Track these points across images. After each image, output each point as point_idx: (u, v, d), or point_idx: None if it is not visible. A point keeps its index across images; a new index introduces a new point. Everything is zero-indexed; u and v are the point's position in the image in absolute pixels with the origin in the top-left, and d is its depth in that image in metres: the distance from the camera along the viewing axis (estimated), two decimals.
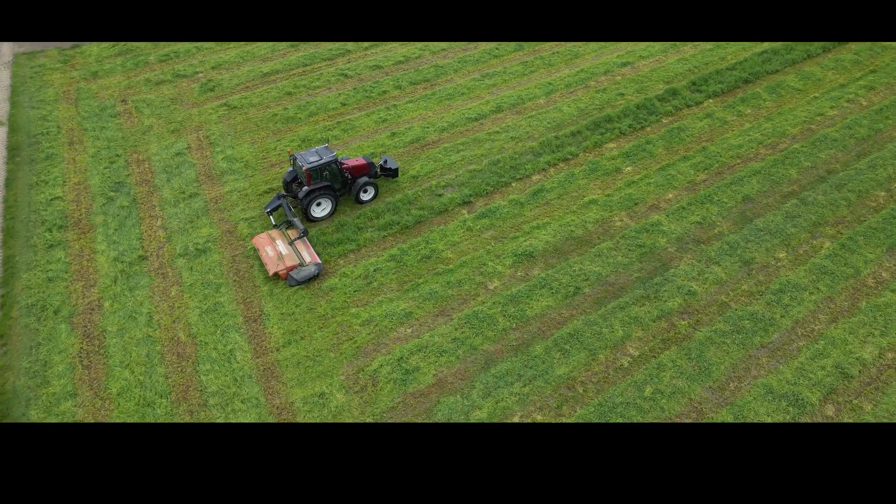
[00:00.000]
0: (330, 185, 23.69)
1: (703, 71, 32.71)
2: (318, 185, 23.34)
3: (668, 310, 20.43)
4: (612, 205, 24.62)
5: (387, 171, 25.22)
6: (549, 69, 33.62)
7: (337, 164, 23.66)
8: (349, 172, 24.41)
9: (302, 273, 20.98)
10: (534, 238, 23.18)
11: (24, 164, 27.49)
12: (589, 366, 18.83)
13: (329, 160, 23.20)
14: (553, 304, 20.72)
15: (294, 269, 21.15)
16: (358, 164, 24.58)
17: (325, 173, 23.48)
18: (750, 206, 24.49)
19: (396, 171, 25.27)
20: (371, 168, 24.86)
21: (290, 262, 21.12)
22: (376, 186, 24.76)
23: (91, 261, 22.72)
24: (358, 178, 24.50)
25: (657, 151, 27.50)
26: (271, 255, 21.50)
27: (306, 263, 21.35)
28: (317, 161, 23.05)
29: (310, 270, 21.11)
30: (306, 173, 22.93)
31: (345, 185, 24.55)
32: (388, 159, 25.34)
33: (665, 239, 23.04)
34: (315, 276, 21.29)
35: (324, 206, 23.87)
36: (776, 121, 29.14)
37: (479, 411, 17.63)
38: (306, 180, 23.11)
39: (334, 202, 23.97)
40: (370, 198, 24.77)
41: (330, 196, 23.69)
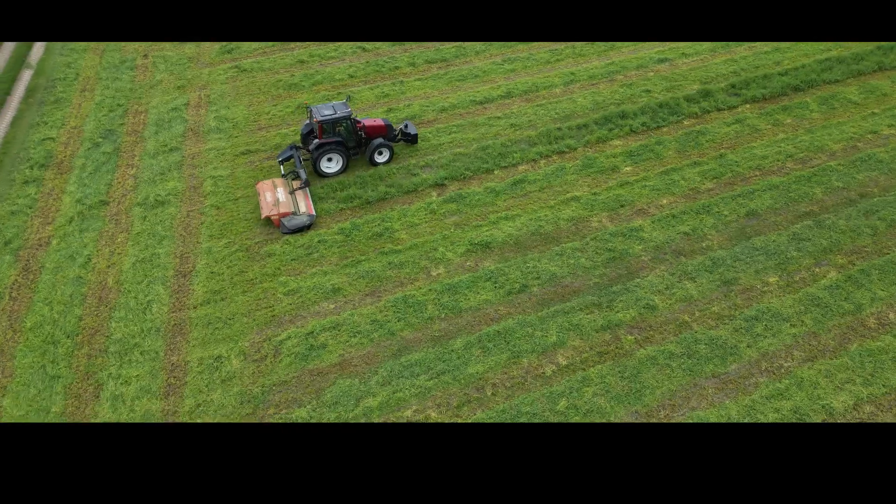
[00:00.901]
0: (342, 142, 23.56)
1: (749, 74, 29.81)
2: (329, 139, 23.24)
3: (616, 321, 18.51)
4: (595, 204, 22.75)
5: (406, 135, 24.88)
6: (577, 59, 31.78)
7: (352, 121, 23.54)
8: (364, 132, 24.18)
9: (293, 221, 21.28)
10: (497, 229, 21.77)
11: (35, 105, 28.94)
12: (507, 368, 17.32)
13: (343, 116, 23.13)
14: (492, 298, 19.30)
15: (287, 216, 21.35)
16: (375, 124, 24.36)
17: (338, 129, 23.47)
18: (753, 222, 21.90)
19: (416, 137, 24.90)
20: (389, 131, 24.59)
21: (284, 209, 21.41)
22: (392, 149, 24.44)
23: (57, 200, 23.47)
24: (373, 139, 24.18)
25: (666, 154, 25.22)
26: (269, 200, 21.84)
27: (300, 213, 21.53)
28: (330, 115, 23.02)
29: (301, 220, 21.36)
30: (318, 126, 22.97)
31: (359, 145, 24.36)
32: (409, 124, 25.07)
33: (641, 246, 20.98)
34: (307, 226, 21.42)
35: (335, 162, 23.76)
36: (817, 134, 26.02)
37: (372, 399, 16.60)
38: (318, 133, 23.16)
39: (345, 159, 23.78)
40: (385, 160, 24.48)
41: (341, 152, 23.56)
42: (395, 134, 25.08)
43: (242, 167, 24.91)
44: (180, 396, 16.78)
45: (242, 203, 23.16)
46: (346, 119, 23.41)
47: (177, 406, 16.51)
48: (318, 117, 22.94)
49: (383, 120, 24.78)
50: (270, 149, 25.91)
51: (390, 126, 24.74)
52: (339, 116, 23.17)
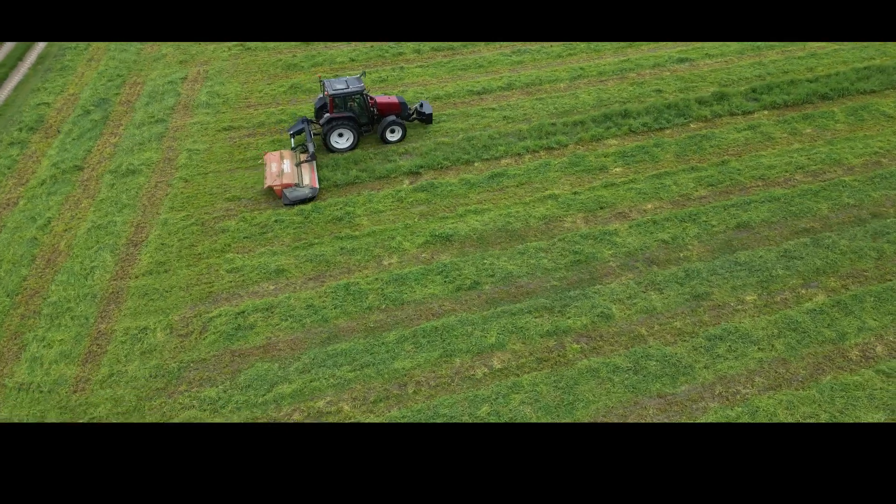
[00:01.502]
0: (353, 117, 23.33)
1: (774, 79, 27.75)
2: (340, 114, 23.07)
3: (565, 328, 17.26)
4: (572, 204, 21.46)
5: (421, 115, 24.63)
6: (591, 55, 30.37)
7: (364, 96, 23.34)
8: (376, 108, 23.97)
9: (295, 193, 21.24)
10: (463, 222, 20.79)
11: (42, 71, 29.66)
12: (436, 367, 16.35)
13: (355, 90, 22.92)
14: (439, 293, 18.35)
15: (289, 187, 21.22)
16: (388, 101, 24.17)
17: (349, 104, 23.30)
18: (742, 234, 20.17)
19: (430, 117, 24.65)
20: (403, 109, 24.35)
21: (287, 180, 21.36)
22: (404, 128, 24.11)
23: (36, 163, 23.85)
24: (386, 116, 23.91)
25: (663, 157, 23.64)
26: (273, 171, 21.82)
27: (303, 185, 21.48)
28: (342, 89, 22.84)
29: (303, 192, 21.30)
30: (330, 100, 22.85)
31: (371, 122, 24.12)
32: (424, 103, 24.86)
33: (612, 251, 19.60)
34: (309, 198, 21.30)
35: (345, 138, 23.57)
36: (838, 146, 23.89)
37: (287, 385, 15.94)
38: (329, 107, 23.06)
39: (356, 135, 23.54)
40: (397, 139, 24.16)
41: (352, 128, 23.33)
42: (410, 113, 24.74)
43: (221, 143, 24.74)
44: (97, 364, 16.54)
45: (212, 177, 22.95)
46: (359, 94, 23.18)
47: (91, 374, 16.27)
48: (330, 91, 22.76)
49: (398, 97, 24.51)
50: (253, 126, 25.68)
51: (405, 104, 24.44)
52: (351, 91, 22.94)
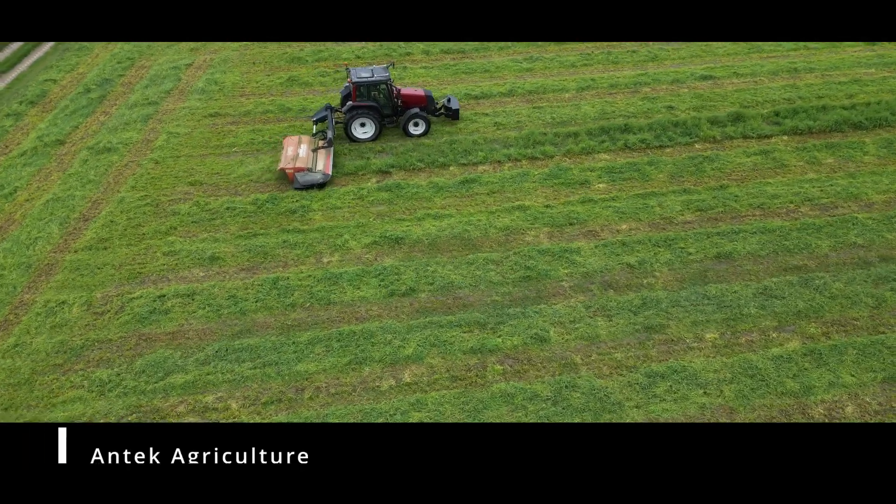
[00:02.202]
0: (376, 108, 23.04)
1: (804, 103, 25.35)
2: (363, 103, 22.81)
3: (492, 347, 15.83)
4: (540, 217, 20.00)
5: (448, 110, 24.09)
6: (607, 66, 28.77)
7: (389, 87, 23.11)
8: (401, 100, 23.59)
9: (307, 177, 21.01)
10: (419, 226, 19.71)
11: (60, 51, 30.68)
12: (342, 373, 15.27)
13: (379, 80, 22.73)
14: (370, 297, 17.30)
15: (302, 171, 21.03)
16: (414, 94, 23.77)
17: (373, 93, 23.03)
18: (721, 266, 18.15)
19: (457, 113, 24.09)
20: (429, 103, 23.86)
21: (301, 164, 21.20)
22: (428, 122, 23.66)
23: (24, 135, 24.43)
24: (411, 108, 23.46)
25: (655, 176, 21.81)
26: (289, 154, 21.74)
27: (315, 170, 21.31)
28: (366, 78, 22.67)
29: (314, 177, 21.03)
30: (353, 88, 22.66)
31: (395, 113, 23.77)
32: (451, 98, 24.36)
33: (568, 271, 18.01)
34: (320, 184, 21.05)
35: (366, 129, 23.28)
36: (859, 180, 21.39)
37: (181, 375, 15.24)
38: (352, 96, 22.88)
39: (377, 126, 23.24)
40: (420, 132, 23.65)
41: (373, 118, 23.04)
42: (437, 107, 24.28)
43: (203, 128, 24.66)
44: (7, 334, 16.38)
45: (182, 161, 22.81)
46: (384, 84, 22.90)
47: None
48: (355, 79, 22.60)
49: (425, 91, 24.07)
50: (239, 115, 25.53)
51: (431, 98, 23.96)
52: (375, 80, 22.70)
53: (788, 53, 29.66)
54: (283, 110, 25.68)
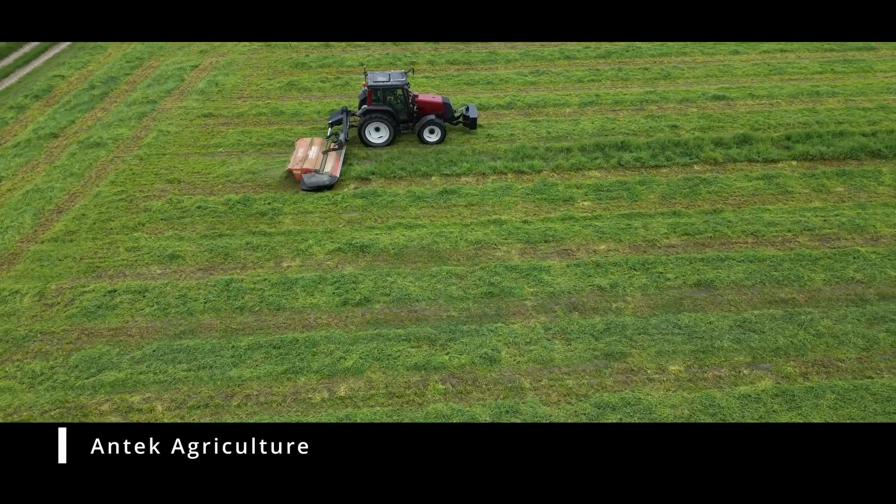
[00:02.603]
0: (391, 112, 22.79)
1: (821, 128, 23.83)
2: (378, 107, 22.62)
3: (438, 364, 14.98)
4: (515, 232, 19.11)
5: (466, 118, 23.64)
6: (616, 82, 27.77)
7: (405, 92, 22.86)
8: (417, 106, 23.34)
9: (313, 179, 20.74)
10: (388, 234, 19.07)
11: (76, 49, 31.36)
12: (276, 382, 14.65)
13: (395, 84, 22.49)
14: (322, 304, 16.69)
15: (309, 173, 20.83)
16: (431, 100, 23.52)
17: (388, 97, 22.82)
18: (700, 294, 16.91)
19: (474, 122, 23.58)
20: (446, 110, 23.55)
21: (309, 165, 20.99)
22: (444, 130, 23.23)
23: (22, 127, 24.86)
24: (427, 115, 23.16)
25: (644, 196, 20.68)
26: (299, 155, 21.59)
27: (322, 172, 21.05)
28: (382, 82, 22.46)
29: (321, 179, 20.77)
30: (368, 91, 22.55)
31: (411, 119, 23.45)
32: (471, 107, 23.85)
33: (534, 290, 17.06)
34: (327, 185, 20.79)
35: (381, 133, 23.06)
36: (869, 211, 19.84)
37: (114, 373, 14.87)
38: (367, 99, 22.74)
39: (392, 131, 23.00)
40: (436, 140, 23.27)
41: (388, 123, 22.77)
42: (455, 115, 23.89)
43: (194, 128, 24.64)
44: None
45: (166, 159, 22.77)
46: (400, 89, 22.66)
47: None
48: (370, 82, 22.43)
49: (443, 98, 23.77)
50: (233, 116, 25.46)
51: (448, 105, 23.61)
52: (390, 84, 22.47)
53: (812, 76, 28.11)
54: (276, 113, 25.50)
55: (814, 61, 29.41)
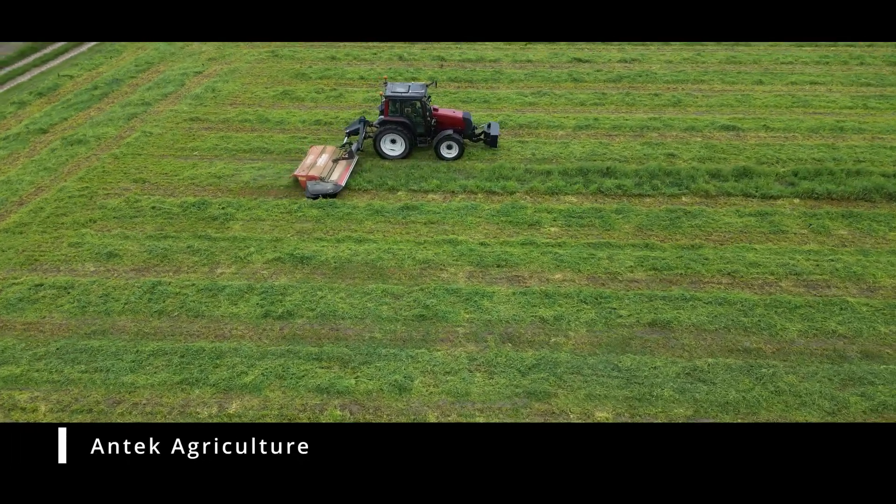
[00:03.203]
0: (407, 124, 22.07)
1: (837, 165, 21.70)
2: (394, 118, 22.02)
3: (343, 388, 13.83)
4: (468, 255, 17.86)
5: (487, 136, 22.70)
6: (620, 107, 26.28)
7: (424, 104, 22.06)
8: (435, 120, 22.52)
9: (317, 187, 20.23)
10: (334, 247, 18.17)
11: (96, 51, 32.18)
12: (168, 392, 13.81)
13: (413, 96, 21.75)
14: (244, 314, 15.86)
15: (314, 180, 20.31)
16: (450, 115, 22.57)
17: (406, 109, 22.10)
18: (653, 335, 15.20)
19: (495, 140, 22.64)
20: (466, 126, 22.54)
21: (315, 173, 20.50)
22: (462, 146, 22.27)
23: (17, 121, 25.36)
24: (445, 130, 22.28)
25: (619, 226, 19.08)
26: (307, 163, 21.26)
27: (327, 180, 20.48)
28: (400, 93, 21.82)
29: (325, 187, 20.24)
30: (385, 101, 21.93)
31: (429, 133, 22.63)
32: (493, 125, 22.92)
33: (470, 316, 15.73)
34: (331, 194, 20.20)
35: (397, 145, 22.32)
36: (872, 258, 17.65)
37: (9, 368, 14.37)
38: (384, 110, 22.09)
39: (408, 144, 22.21)
40: (453, 156, 22.32)
41: (404, 135, 22.03)
42: (475, 132, 22.99)
43: (177, 130, 24.55)
44: None
45: (141, 159, 22.66)
46: (418, 101, 21.88)
47: None
48: (388, 93, 21.82)
49: (464, 113, 22.72)
50: (218, 121, 25.28)
51: (468, 121, 22.60)
52: (408, 95, 21.75)
53: (840, 111, 25.84)
54: (261, 121, 25.17)
55: (845, 95, 27.12)
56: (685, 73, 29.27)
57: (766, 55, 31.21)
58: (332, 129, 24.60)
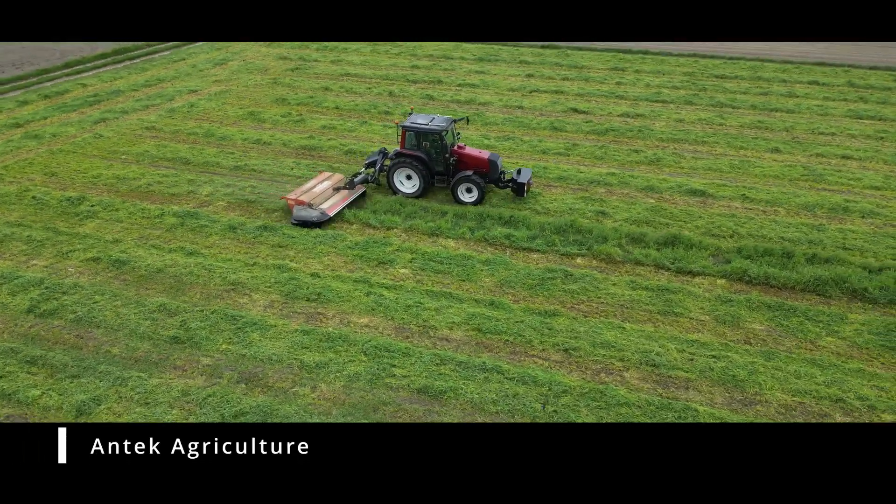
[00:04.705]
0: (423, 159, 19.57)
1: (810, 249, 17.19)
2: (410, 151, 19.72)
3: (23, 400, 12.19)
4: (286, 283, 15.77)
5: (514, 184, 19.71)
6: (585, 159, 23.16)
7: (443, 139, 19.45)
8: (456, 157, 19.85)
9: (301, 213, 18.63)
10: (160, 256, 16.88)
11: (128, 66, 34.34)
12: None
13: (432, 129, 19.26)
14: (10, 305, 14.86)
15: (301, 205, 18.72)
16: (474, 155, 19.84)
17: (423, 143, 19.70)
18: (415, 405, 12.11)
19: (522, 188, 19.54)
20: (491, 169, 19.60)
21: (306, 198, 18.87)
22: (482, 190, 19.38)
23: (6, 117, 27.02)
24: (466, 171, 19.58)
25: (478, 278, 16.08)
26: (305, 187, 19.78)
27: (315, 208, 18.80)
28: (419, 125, 19.51)
29: (310, 214, 18.54)
30: (401, 132, 19.87)
31: (447, 172, 19.88)
32: (523, 171, 20.09)
33: (229, 347, 13.59)
34: (314, 223, 18.44)
35: (412, 182, 19.93)
36: (773, 364, 13.27)
37: None
38: (400, 142, 20.03)
39: (422, 181, 19.67)
40: (472, 201, 19.48)
41: (419, 172, 19.54)
42: (502, 177, 19.96)
43: (127, 136, 24.95)
44: None
45: (75, 156, 23.09)
46: (436, 135, 19.38)
47: None
48: (406, 123, 19.77)
49: (490, 154, 19.91)
50: (169, 133, 25.40)
51: (495, 164, 19.58)
52: (426, 128, 19.30)
53: (862, 190, 20.84)
54: (206, 135, 24.92)
55: (881, 174, 21.92)
56: (690, 132, 25.35)
57: (802, 122, 26.38)
58: (265, 150, 23.74)
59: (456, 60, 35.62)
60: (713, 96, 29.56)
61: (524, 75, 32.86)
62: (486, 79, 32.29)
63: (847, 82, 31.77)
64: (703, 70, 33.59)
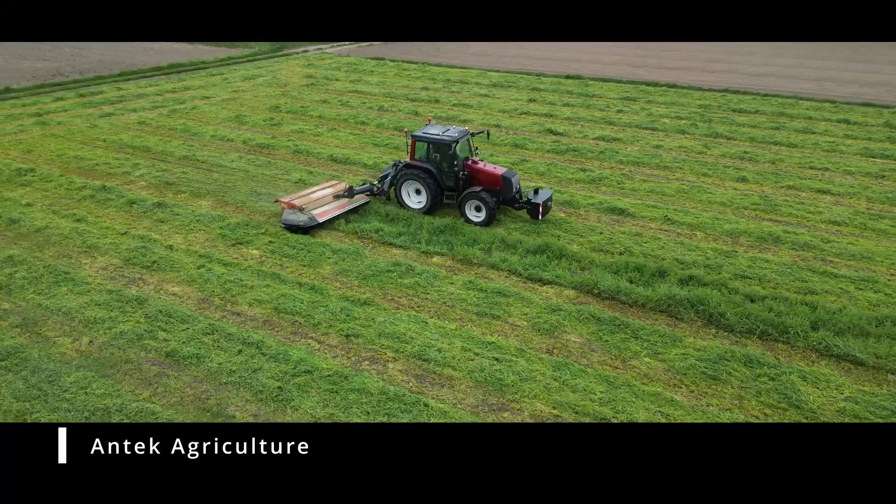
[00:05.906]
0: (431, 171, 18.15)
1: (688, 270, 15.14)
2: (419, 162, 18.37)
3: None
4: (149, 253, 16.01)
5: (530, 205, 17.86)
6: (524, 175, 21.88)
7: (454, 151, 17.94)
8: (466, 172, 18.30)
9: (290, 217, 18.04)
10: (72, 223, 17.78)
11: (176, 79, 37.20)
12: None
13: (444, 140, 17.81)
14: None
15: (292, 209, 18.09)
16: (487, 171, 18.29)
17: (433, 155, 18.28)
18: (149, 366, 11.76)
19: (537, 209, 17.68)
20: (505, 187, 17.93)
21: (299, 203, 18.30)
22: (491, 210, 17.62)
23: (40, 108, 29.99)
24: (476, 188, 18.04)
25: (320, 263, 15.51)
26: (303, 192, 19.36)
27: (305, 213, 18.15)
28: (431, 134, 18.15)
29: (298, 218, 17.92)
30: (411, 141, 18.62)
31: (457, 188, 18.37)
32: (540, 192, 18.29)
33: (76, 345, 13.96)
34: (302, 227, 17.73)
35: (420, 197, 18.58)
36: (615, 395, 11.62)
37: None
38: (410, 152, 18.81)
39: (430, 196, 18.22)
40: (480, 220, 17.83)
41: (427, 185, 18.10)
42: (518, 198, 18.17)
43: (118, 125, 26.73)
44: None
45: (61, 139, 25.02)
46: (447, 146, 17.88)
47: None
48: (416, 132, 18.59)
49: (505, 171, 18.24)
50: (154, 126, 26.93)
51: (509, 182, 17.87)
52: (437, 138, 17.87)
53: (816, 224, 18.10)
54: (183, 131, 26.26)
55: (852, 209, 19.05)
56: (659, 157, 23.32)
57: (795, 156, 23.52)
58: (222, 145, 24.58)
59: (470, 85, 35.37)
60: (714, 128, 27.15)
61: (527, 100, 31.97)
62: (485, 101, 31.75)
63: (885, 123, 28.09)
64: (722, 104, 31.04)
